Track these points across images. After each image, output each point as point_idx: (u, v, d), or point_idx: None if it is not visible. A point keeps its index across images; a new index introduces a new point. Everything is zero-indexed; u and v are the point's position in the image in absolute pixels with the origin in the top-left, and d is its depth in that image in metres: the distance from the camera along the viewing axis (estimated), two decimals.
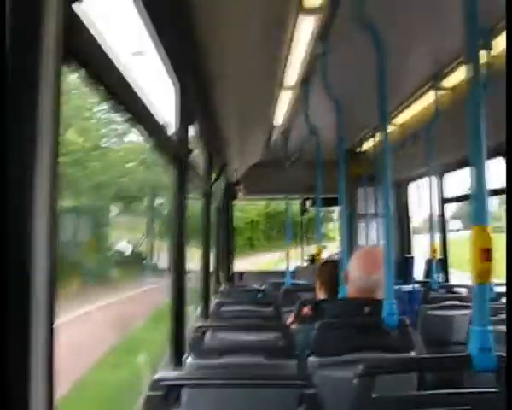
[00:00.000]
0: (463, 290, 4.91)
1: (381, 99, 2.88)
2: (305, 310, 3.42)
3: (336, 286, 3.60)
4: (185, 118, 3.25)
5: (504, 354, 1.82)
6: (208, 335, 2.87)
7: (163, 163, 3.04)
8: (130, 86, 1.83)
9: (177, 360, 3.03)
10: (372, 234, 7.76)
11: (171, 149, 2.85)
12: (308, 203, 9.75)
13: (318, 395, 1.62)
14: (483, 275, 1.92)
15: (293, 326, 3.15)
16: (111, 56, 1.53)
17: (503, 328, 3.40)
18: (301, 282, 6.46)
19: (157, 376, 1.62)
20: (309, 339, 2.70)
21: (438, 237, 5.98)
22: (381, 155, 2.95)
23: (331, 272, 3.67)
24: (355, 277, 2.96)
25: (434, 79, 4.69)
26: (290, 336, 2.69)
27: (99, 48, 1.43)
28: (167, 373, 1.70)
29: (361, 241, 8.06)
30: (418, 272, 7.45)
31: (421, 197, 8.95)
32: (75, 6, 1.24)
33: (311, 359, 2.60)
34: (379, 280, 2.91)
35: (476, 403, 1.70)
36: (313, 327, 2.71)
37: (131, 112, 1.92)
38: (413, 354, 2.63)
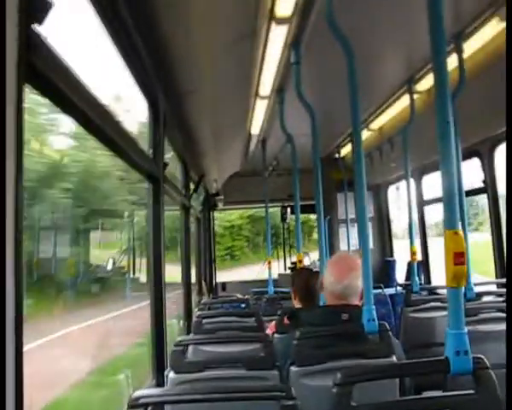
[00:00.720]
0: (445, 292, 4.91)
1: (353, 105, 2.89)
2: (285, 319, 3.41)
3: (310, 294, 3.59)
4: (158, 132, 3.24)
5: (481, 356, 1.83)
6: (191, 349, 2.85)
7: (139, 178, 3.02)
8: (100, 106, 1.82)
9: (159, 376, 3.02)
10: (353, 239, 7.79)
11: (146, 165, 2.84)
12: (288, 211, 9.78)
13: (298, 406, 1.61)
14: (456, 278, 1.93)
15: (275, 336, 3.14)
16: (78, 77, 1.52)
17: (484, 327, 3.44)
18: (284, 290, 6.45)
19: (136, 394, 1.61)
20: (289, 349, 2.69)
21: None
22: (354, 160, 2.96)
23: (304, 280, 3.67)
24: (329, 283, 2.92)
25: (408, 84, 4.72)
26: (271, 347, 2.68)
27: (63, 66, 1.42)
28: (147, 391, 1.67)
29: (342, 246, 8.09)
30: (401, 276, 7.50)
31: (401, 200, 9.03)
32: (36, 26, 1.24)
33: (293, 368, 2.59)
34: (353, 285, 2.89)
35: (455, 406, 1.71)
36: (293, 337, 2.70)
37: (103, 132, 1.91)
38: (394, 359, 2.63)
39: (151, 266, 3.19)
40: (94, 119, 1.74)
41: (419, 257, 5.96)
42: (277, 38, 3.45)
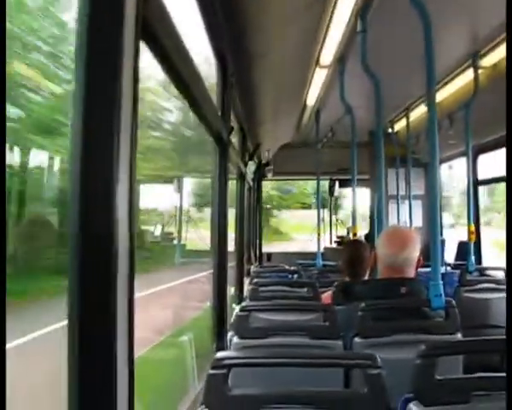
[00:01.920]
0: (499, 273, 4.84)
1: (429, 74, 2.82)
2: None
3: (359, 266, 3.57)
4: (226, 95, 3.22)
5: None
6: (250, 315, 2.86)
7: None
8: (192, 63, 1.81)
9: (220, 340, 3.03)
10: (403, 216, 7.70)
11: (215, 125, 2.83)
12: (337, 184, 9.73)
13: (383, 376, 1.59)
14: None
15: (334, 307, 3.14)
16: (178, 31, 1.52)
17: None
18: (331, 263, 6.44)
19: (219, 355, 1.62)
20: (349, 320, 2.68)
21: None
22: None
23: (352, 252, 3.65)
24: (385, 255, 2.89)
25: (473, 57, 4.59)
26: (334, 317, 2.67)
27: (170, 24, 1.43)
28: (229, 353, 1.68)
29: (392, 222, 8.01)
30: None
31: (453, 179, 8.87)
32: None
33: (356, 340, 2.58)
34: (410, 258, 2.86)
35: None
36: (354, 308, 2.69)
37: (189, 87, 1.90)
38: (459, 336, 2.59)
39: (215, 233, 3.19)
40: (185, 75, 1.73)
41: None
42: (345, 6, 3.38)
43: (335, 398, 1.59)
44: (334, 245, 9.55)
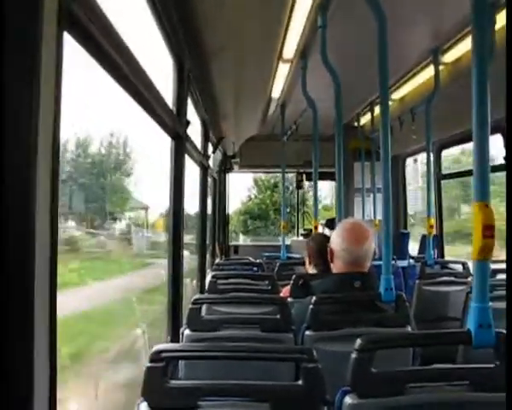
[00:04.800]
0: (459, 267, 4.92)
1: (382, 71, 2.85)
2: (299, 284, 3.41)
3: (323, 260, 3.58)
4: (182, 89, 3.22)
5: (503, 331, 1.82)
6: (204, 308, 2.87)
7: None
8: (133, 58, 1.80)
9: (174, 333, 3.04)
10: (367, 209, 7.78)
11: (170, 122, 2.82)
12: (304, 177, 9.76)
13: (319, 370, 1.62)
14: (484, 252, 1.92)
15: (290, 300, 3.15)
16: (112, 26, 1.50)
17: (499, 304, 3.44)
18: (296, 256, 6.47)
19: (157, 348, 1.62)
20: (303, 313, 2.70)
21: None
22: (380, 129, 2.91)
23: (318, 245, 3.64)
24: (342, 249, 2.87)
25: (434, 53, 4.64)
26: (288, 311, 2.70)
27: (100, 15, 1.41)
28: (168, 345, 1.69)
29: (357, 216, 8.07)
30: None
31: (418, 173, 8.98)
32: None
33: (308, 333, 2.61)
34: (367, 252, 2.87)
35: (475, 378, 1.71)
36: (308, 302, 2.71)
37: (133, 84, 1.90)
38: (409, 329, 2.64)
39: (170, 225, 3.20)
40: (125, 71, 1.73)
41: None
42: (305, 1, 3.39)
43: (271, 390, 1.61)
44: (300, 238, 9.58)
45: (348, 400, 1.68)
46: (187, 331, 2.63)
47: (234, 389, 1.61)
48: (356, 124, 7.50)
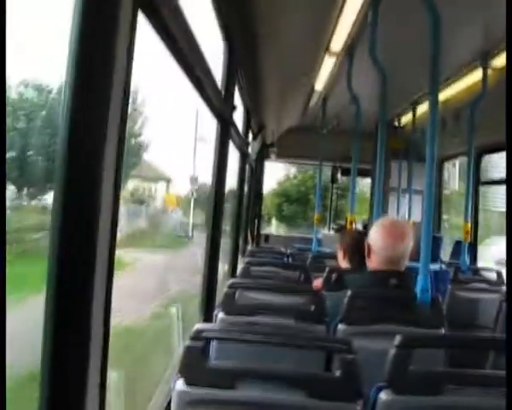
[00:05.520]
0: (492, 274, 4.87)
1: (433, 70, 2.83)
2: (332, 278, 3.42)
3: (358, 255, 3.57)
4: (231, 73, 3.23)
5: None
6: (238, 293, 2.90)
7: None
8: (193, 40, 1.82)
9: (208, 315, 3.07)
10: (402, 209, 7.73)
11: (218, 104, 2.84)
12: (339, 172, 9.73)
13: (357, 362, 1.63)
14: None
15: (323, 292, 3.16)
16: (178, 6, 1.53)
17: None
18: (327, 250, 6.47)
19: (198, 327, 1.65)
20: (336, 307, 2.71)
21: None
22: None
23: (353, 240, 3.63)
24: (379, 247, 2.86)
25: (483, 57, 4.58)
26: (322, 302, 2.71)
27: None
28: (209, 325, 1.72)
29: (391, 215, 8.03)
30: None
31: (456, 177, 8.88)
32: None
33: (341, 326, 2.62)
34: (406, 251, 2.86)
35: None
36: (342, 295, 2.72)
37: (190, 63, 1.92)
38: (443, 331, 2.63)
39: (210, 208, 3.22)
40: (182, 46, 1.74)
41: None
42: None
43: (308, 379, 1.63)
44: (332, 232, 9.57)
45: (383, 395, 1.69)
46: (221, 315, 2.66)
47: (272, 373, 1.63)
48: (396, 123, 7.45)
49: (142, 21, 1.25)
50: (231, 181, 5.46)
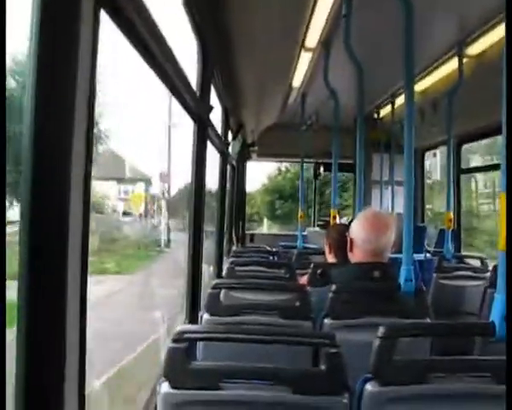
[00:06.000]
0: (476, 262, 4.90)
1: (407, 62, 2.84)
2: (318, 273, 3.41)
3: (343, 249, 3.57)
4: (207, 74, 3.22)
5: None
6: (223, 293, 2.89)
7: None
8: (162, 41, 1.81)
9: (193, 317, 3.06)
10: (385, 201, 7.75)
11: (194, 105, 2.83)
12: (321, 168, 9.75)
13: (342, 355, 1.63)
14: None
15: (308, 288, 3.16)
16: (145, 5, 1.51)
17: None
18: (312, 246, 6.48)
19: (180, 328, 1.64)
20: (322, 302, 2.71)
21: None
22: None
23: (339, 235, 3.63)
24: (362, 240, 2.86)
25: (459, 46, 4.60)
26: (307, 298, 2.70)
27: None
28: (191, 326, 1.71)
29: (375, 207, 8.05)
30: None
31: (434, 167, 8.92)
32: None
33: (326, 321, 2.62)
34: (388, 243, 2.86)
35: (497, 370, 1.70)
36: (327, 290, 2.72)
37: (161, 65, 1.90)
38: (428, 320, 2.64)
39: (191, 209, 3.21)
40: (154, 50, 1.73)
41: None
42: None
43: (294, 374, 1.62)
44: (317, 228, 9.58)
45: (369, 387, 1.69)
46: (206, 316, 2.65)
47: (256, 371, 1.63)
48: (376, 116, 7.47)
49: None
50: (213, 181, 5.46)
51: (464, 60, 4.74)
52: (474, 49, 4.58)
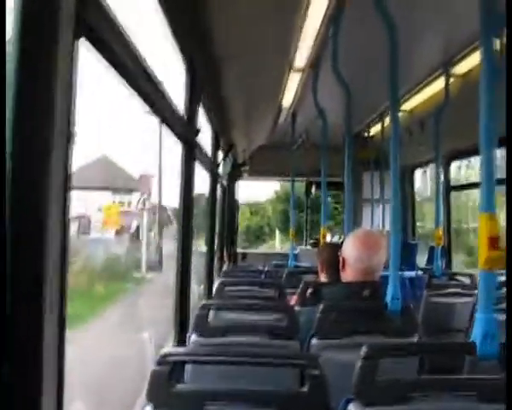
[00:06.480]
0: (466, 279, 4.92)
1: (392, 82, 2.87)
2: (308, 292, 3.43)
3: (334, 268, 3.59)
4: (194, 97, 3.25)
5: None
6: (211, 314, 2.89)
7: None
8: (143, 65, 1.83)
9: (181, 338, 3.06)
10: (376, 219, 7.78)
11: (181, 128, 2.86)
12: (313, 187, 9.78)
13: (323, 377, 1.63)
14: (491, 262, 1.93)
15: (296, 308, 3.17)
16: (125, 34, 1.53)
17: (503, 317, 3.45)
18: (304, 264, 6.48)
19: (164, 351, 1.64)
20: (311, 321, 2.71)
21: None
22: (390, 139, 2.94)
23: (331, 254, 3.64)
24: (354, 259, 2.87)
25: (445, 66, 4.65)
26: (294, 318, 2.71)
27: (113, 23, 1.44)
28: (175, 349, 1.72)
29: (366, 226, 8.08)
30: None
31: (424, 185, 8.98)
32: None
33: (314, 341, 2.62)
34: (380, 261, 2.88)
35: (480, 389, 1.72)
36: (316, 309, 2.72)
37: (145, 91, 1.93)
38: (415, 339, 2.65)
39: (179, 231, 3.22)
40: (138, 77, 1.75)
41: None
42: (317, 11, 3.42)
43: (276, 396, 1.63)
44: (309, 247, 9.59)
45: (352, 408, 1.70)
46: (194, 337, 2.65)
47: (239, 393, 1.63)
48: (366, 134, 7.53)
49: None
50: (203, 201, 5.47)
51: (451, 79, 4.79)
52: (461, 68, 4.64)
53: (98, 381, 6.99)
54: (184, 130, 2.96)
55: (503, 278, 3.77)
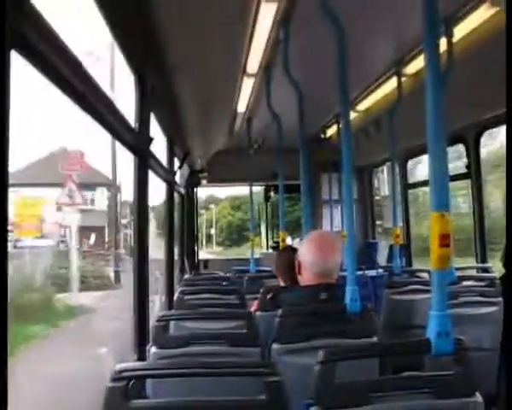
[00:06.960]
0: (425, 275, 4.97)
1: (341, 85, 2.88)
2: (267, 297, 3.41)
3: (292, 272, 3.59)
4: (145, 107, 3.21)
5: (462, 337, 1.86)
6: (172, 324, 2.85)
7: None
8: (87, 76, 1.79)
9: (141, 351, 3.02)
10: (336, 220, 7.82)
11: (132, 138, 2.82)
12: (272, 190, 9.79)
13: (282, 383, 1.62)
14: (442, 261, 1.95)
15: (257, 313, 3.15)
16: (64, 45, 1.49)
17: (464, 310, 3.49)
18: (266, 269, 6.48)
19: (118, 367, 1.61)
20: (271, 326, 2.70)
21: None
22: (342, 141, 2.95)
23: (287, 258, 3.64)
24: (310, 263, 2.88)
25: (396, 65, 4.70)
26: (254, 324, 2.70)
27: (50, 34, 1.40)
28: (130, 364, 1.68)
29: (326, 227, 8.12)
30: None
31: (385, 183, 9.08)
32: None
33: (274, 346, 2.61)
34: (335, 263, 2.89)
35: (436, 385, 1.73)
36: (275, 315, 2.71)
37: (90, 102, 1.89)
38: (375, 339, 2.65)
39: (135, 241, 3.18)
40: (81, 90, 1.72)
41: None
42: (266, 15, 3.42)
43: (235, 406, 1.62)
44: (270, 250, 9.60)
45: None
46: (153, 349, 2.62)
47: (197, 405, 1.61)
48: (323, 136, 7.56)
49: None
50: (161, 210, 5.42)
51: (403, 79, 4.84)
52: (412, 67, 4.69)
53: None
54: (136, 140, 2.92)
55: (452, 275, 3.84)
